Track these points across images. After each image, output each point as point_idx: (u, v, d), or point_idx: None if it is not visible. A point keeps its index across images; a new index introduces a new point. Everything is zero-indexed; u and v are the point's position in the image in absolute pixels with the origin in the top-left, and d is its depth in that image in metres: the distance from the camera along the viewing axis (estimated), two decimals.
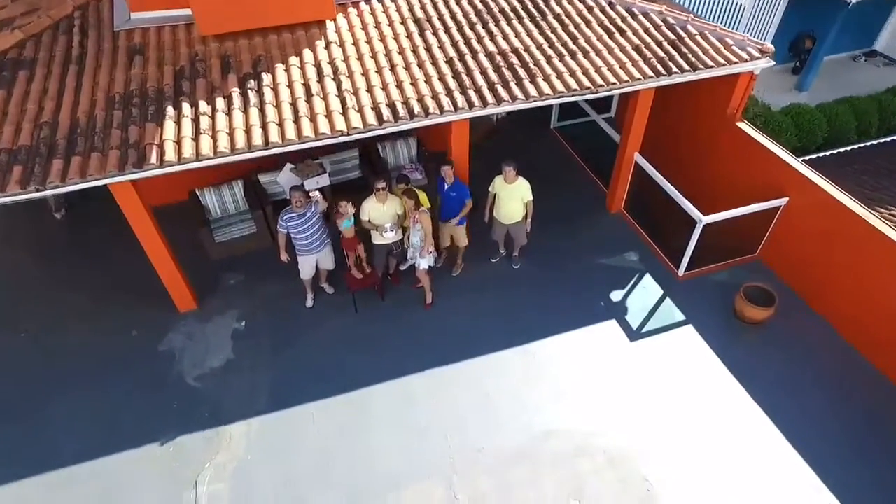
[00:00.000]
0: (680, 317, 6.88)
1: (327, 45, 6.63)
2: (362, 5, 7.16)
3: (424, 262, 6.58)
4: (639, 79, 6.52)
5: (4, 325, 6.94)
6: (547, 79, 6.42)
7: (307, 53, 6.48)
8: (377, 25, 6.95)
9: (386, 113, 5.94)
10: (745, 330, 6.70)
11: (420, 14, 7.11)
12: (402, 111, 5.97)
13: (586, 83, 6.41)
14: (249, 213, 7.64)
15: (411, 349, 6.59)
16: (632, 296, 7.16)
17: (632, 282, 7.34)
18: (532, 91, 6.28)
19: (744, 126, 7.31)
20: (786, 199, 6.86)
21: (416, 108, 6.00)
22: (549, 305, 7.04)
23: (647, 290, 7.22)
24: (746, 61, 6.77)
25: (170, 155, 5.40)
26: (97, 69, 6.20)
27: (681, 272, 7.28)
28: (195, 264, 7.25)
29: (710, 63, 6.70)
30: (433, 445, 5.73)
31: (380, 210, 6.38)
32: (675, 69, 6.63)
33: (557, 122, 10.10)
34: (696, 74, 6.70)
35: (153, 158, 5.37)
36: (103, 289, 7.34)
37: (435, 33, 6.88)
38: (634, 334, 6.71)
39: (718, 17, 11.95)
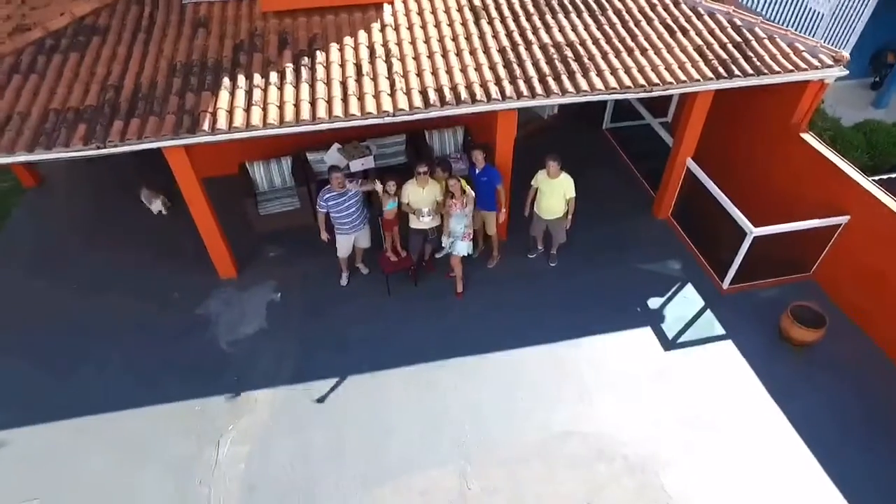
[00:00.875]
0: (720, 331, 6.59)
1: (382, 28, 6.69)
2: None
3: (464, 248, 6.53)
4: (697, 80, 6.27)
5: (60, 276, 7.34)
6: (600, 74, 6.27)
7: (362, 35, 6.56)
8: (433, 11, 6.96)
9: (433, 97, 5.94)
10: (790, 351, 6.35)
11: (477, 2, 7.08)
12: (449, 96, 5.96)
13: (641, 81, 6.21)
14: (294, 189, 7.81)
15: (438, 336, 6.58)
16: (671, 305, 6.90)
17: (672, 290, 7.08)
18: (583, 85, 6.14)
19: (808, 137, 6.91)
20: (847, 217, 6.45)
21: (464, 95, 5.97)
22: (582, 306, 6.88)
23: (687, 301, 6.95)
24: (817, 69, 6.40)
25: (221, 123, 5.58)
26: (163, 38, 6.47)
27: (725, 285, 6.96)
28: (239, 235, 7.48)
29: (777, 68, 6.37)
30: (450, 433, 5.70)
31: (419, 194, 6.39)
32: (737, 72, 6.33)
33: (610, 124, 9.85)
34: (759, 79, 6.38)
35: (205, 125, 5.56)
36: (153, 251, 7.67)
37: (490, 22, 6.83)
38: (669, 344, 6.47)
39: (794, 23, 11.36)
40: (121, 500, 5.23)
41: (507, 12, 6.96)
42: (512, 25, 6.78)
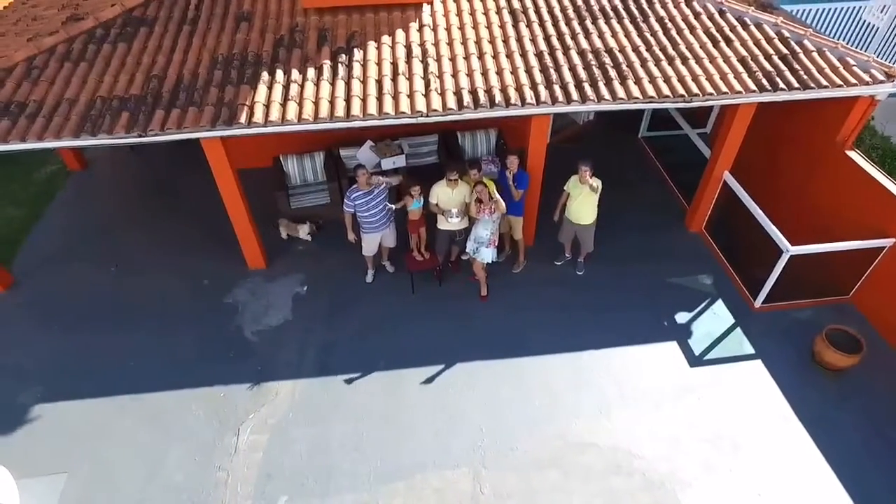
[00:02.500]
0: (749, 350, 6.41)
1: (420, 28, 6.71)
2: None
3: (488, 255, 6.50)
4: (739, 92, 6.11)
5: (98, 258, 7.60)
6: (638, 82, 6.16)
7: (399, 34, 6.60)
8: (472, 12, 6.95)
9: (467, 99, 5.94)
10: (823, 376, 6.13)
11: (517, 5, 7.04)
12: (483, 99, 5.94)
13: (680, 91, 6.09)
14: (326, 184, 7.91)
15: (460, 336, 6.57)
16: (699, 320, 6.74)
17: (701, 305, 6.91)
18: (620, 93, 6.04)
19: (854, 155, 6.66)
20: (892, 241, 6.19)
21: (498, 98, 5.95)
22: (608, 316, 6.78)
23: (716, 317, 6.78)
24: (867, 84, 6.16)
25: (257, 116, 5.68)
26: (207, 31, 6.63)
27: (757, 303, 6.77)
28: (269, 227, 7.61)
29: (825, 83, 6.16)
30: (466, 435, 5.69)
31: (448, 195, 6.39)
32: (782, 85, 6.15)
33: (647, 132, 9.68)
34: (805, 93, 6.18)
35: (242, 118, 5.67)
36: (187, 238, 7.87)
37: (529, 25, 6.79)
38: (696, 360, 6.32)
39: (846, 37, 10.97)
40: (143, 481, 5.37)
41: (546, 16, 6.90)
42: (550, 30, 6.72)
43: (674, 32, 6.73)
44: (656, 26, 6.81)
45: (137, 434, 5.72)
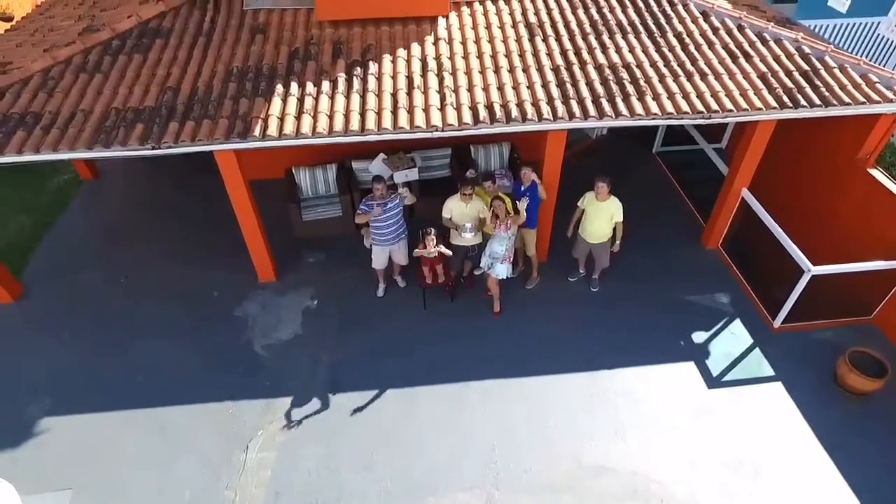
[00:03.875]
0: (769, 371, 6.26)
1: (436, 41, 6.67)
2: (476, 5, 7.16)
3: (503, 271, 6.41)
4: (760, 109, 6.01)
5: (110, 268, 7.56)
6: (657, 98, 6.08)
7: (415, 47, 6.55)
8: (488, 26, 6.91)
9: (483, 114, 5.87)
10: (845, 399, 5.97)
11: (533, 19, 7.00)
12: (499, 113, 5.87)
13: (699, 107, 6.00)
14: (338, 197, 7.85)
15: (472, 354, 6.47)
16: (717, 340, 6.61)
17: (719, 325, 6.78)
18: (638, 109, 5.96)
19: (876, 173, 6.53)
20: None
21: (514, 113, 5.88)
22: (623, 335, 6.66)
23: (735, 337, 6.64)
24: (891, 101, 6.05)
25: (272, 130, 5.63)
26: (222, 43, 6.62)
27: (777, 323, 6.62)
28: (280, 240, 7.57)
29: (847, 100, 6.05)
30: (479, 455, 5.56)
31: (462, 209, 6.32)
32: (803, 102, 6.04)
33: (661, 147, 9.58)
34: (827, 111, 6.07)
35: (256, 131, 5.62)
36: (198, 248, 7.82)
37: (545, 40, 6.74)
38: (714, 381, 6.18)
39: (863, 52, 10.87)
40: (149, 499, 5.28)
41: (563, 31, 6.85)
42: (567, 44, 6.66)
43: (692, 48, 6.65)
44: (674, 41, 6.74)
45: (145, 449, 5.64)
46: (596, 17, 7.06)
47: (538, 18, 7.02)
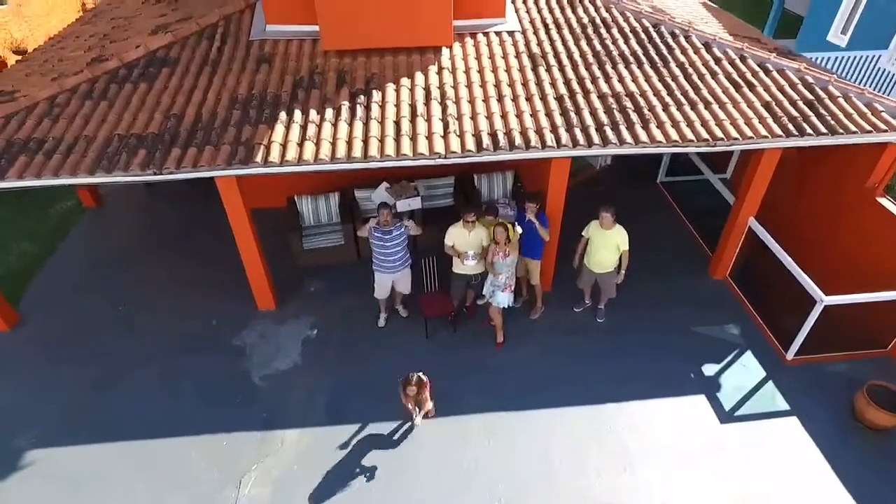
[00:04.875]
0: (783, 405, 6.03)
1: (439, 71, 6.71)
2: (479, 37, 7.23)
3: (504, 299, 6.27)
4: (765, 136, 5.96)
5: (108, 296, 7.46)
6: (661, 126, 6.05)
7: (419, 76, 6.59)
8: (491, 56, 6.96)
9: (486, 141, 5.85)
10: (864, 434, 5.73)
11: (536, 50, 7.05)
12: (502, 141, 5.85)
13: (704, 135, 5.96)
14: (340, 225, 7.80)
15: (473, 386, 6.27)
16: (728, 372, 6.40)
17: (729, 357, 6.58)
18: (643, 136, 5.92)
19: (885, 202, 6.44)
20: None
21: (518, 140, 5.85)
22: (630, 367, 6.46)
23: (746, 370, 6.43)
24: None
25: (274, 156, 5.61)
26: (227, 72, 6.67)
27: (789, 356, 6.42)
28: (281, 268, 7.49)
29: (853, 128, 6.01)
30: (481, 492, 5.32)
31: (464, 237, 6.22)
32: (809, 130, 6.00)
33: (665, 178, 9.55)
34: (834, 139, 6.03)
35: (258, 157, 5.60)
36: (197, 277, 7.73)
37: (548, 70, 6.77)
38: (726, 416, 5.95)
39: (864, 84, 10.92)
40: None
41: (565, 60, 6.89)
42: (570, 74, 6.69)
43: (695, 77, 6.67)
44: (677, 71, 6.76)
45: (134, 483, 5.42)
46: (598, 47, 7.11)
47: (541, 49, 7.08)
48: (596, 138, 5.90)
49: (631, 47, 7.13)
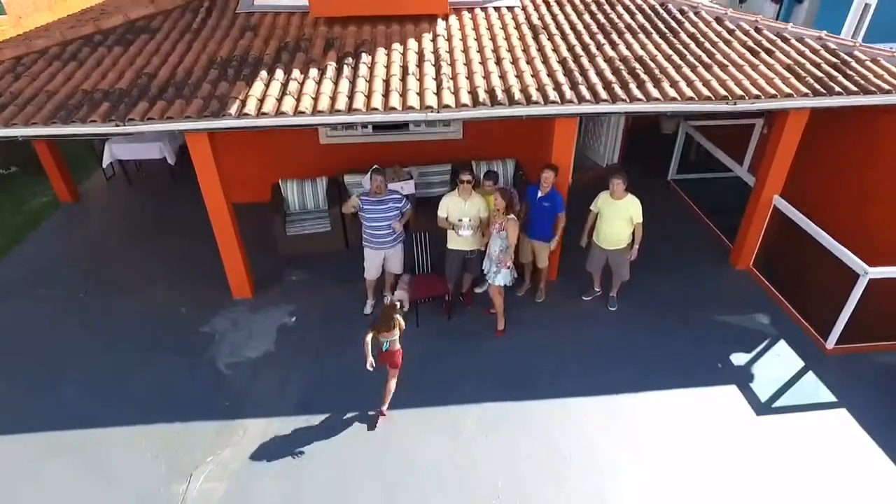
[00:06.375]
0: (829, 397, 5.20)
1: (434, 38, 6.31)
2: (477, 10, 6.87)
3: (500, 278, 5.58)
4: (790, 94, 5.42)
5: (68, 285, 6.79)
6: (674, 84, 5.53)
7: (412, 42, 6.18)
8: (489, 27, 6.57)
9: (483, 96, 5.32)
10: None
11: (537, 22, 6.66)
12: (501, 96, 5.32)
13: (722, 93, 5.42)
14: (327, 211, 7.20)
15: (470, 376, 5.48)
16: (760, 362, 5.60)
17: (760, 347, 5.79)
18: (655, 93, 5.39)
19: None
20: None
21: (518, 96, 5.33)
22: (648, 356, 5.68)
23: (782, 359, 5.63)
24: None
25: (249, 108, 5.09)
26: (209, 39, 6.27)
27: (830, 344, 5.63)
28: (262, 260, 6.91)
29: (887, 87, 5.47)
30: (478, 491, 4.45)
31: (459, 207, 5.60)
32: (838, 89, 5.46)
33: (675, 175, 8.98)
34: (866, 98, 5.48)
35: (232, 109, 5.07)
36: (171, 269, 7.05)
37: (550, 38, 6.35)
38: (763, 407, 5.11)
39: None
40: None
41: (568, 31, 6.49)
42: (573, 41, 6.27)
43: (708, 45, 6.21)
44: (688, 40, 6.32)
45: (64, 479, 4.58)
46: (603, 20, 6.73)
47: (542, 22, 6.70)
48: (603, 94, 5.37)
49: (638, 21, 6.74)
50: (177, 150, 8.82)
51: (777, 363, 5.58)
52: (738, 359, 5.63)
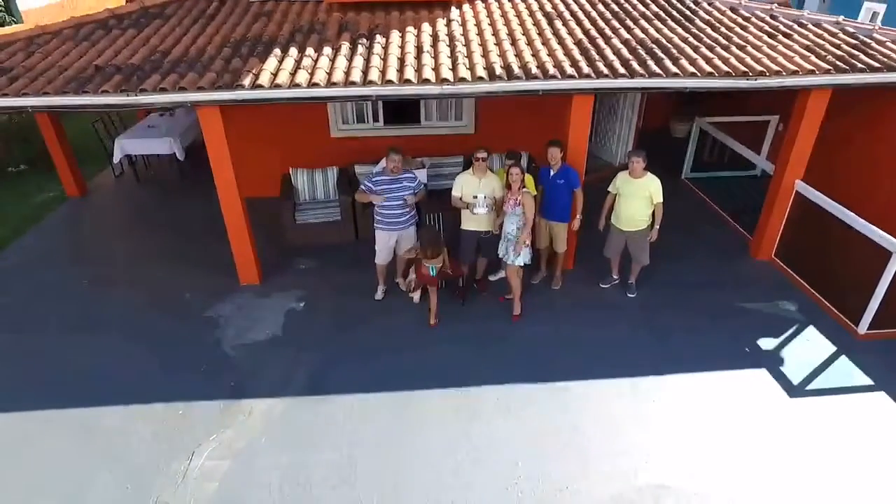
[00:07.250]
0: (866, 380, 4.94)
1: (448, 23, 6.28)
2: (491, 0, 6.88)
3: (521, 258, 5.40)
4: (812, 71, 5.33)
5: (73, 273, 6.62)
6: (693, 62, 5.45)
7: (426, 26, 6.14)
8: (504, 14, 6.55)
9: (499, 71, 5.24)
10: None
11: (551, 10, 6.65)
12: (517, 71, 5.24)
13: (742, 69, 5.33)
14: (337, 201, 7.08)
15: (489, 358, 5.26)
16: (790, 347, 5.36)
17: (788, 332, 5.55)
18: (673, 69, 5.31)
19: None
20: None
21: (534, 70, 5.24)
22: (671, 339, 5.45)
23: (812, 344, 5.39)
24: None
25: (263, 80, 5.01)
26: (222, 24, 6.28)
27: (861, 329, 5.39)
28: (271, 249, 6.79)
29: None
30: (496, 471, 4.18)
31: (474, 185, 5.46)
32: (860, 66, 5.37)
33: (690, 173, 8.86)
34: (889, 75, 5.37)
35: (245, 81, 5.00)
36: (176, 257, 6.90)
37: (565, 24, 6.32)
38: (796, 390, 4.85)
39: None
40: None
41: (583, 17, 6.46)
42: (588, 25, 6.23)
43: (724, 30, 6.17)
44: (704, 26, 6.29)
45: (62, 455, 4.34)
46: (617, 9, 6.72)
47: (556, 10, 6.68)
48: (621, 70, 5.28)
49: (652, 10, 6.73)
50: (186, 146, 8.78)
51: (807, 348, 5.34)
52: (766, 343, 5.39)
